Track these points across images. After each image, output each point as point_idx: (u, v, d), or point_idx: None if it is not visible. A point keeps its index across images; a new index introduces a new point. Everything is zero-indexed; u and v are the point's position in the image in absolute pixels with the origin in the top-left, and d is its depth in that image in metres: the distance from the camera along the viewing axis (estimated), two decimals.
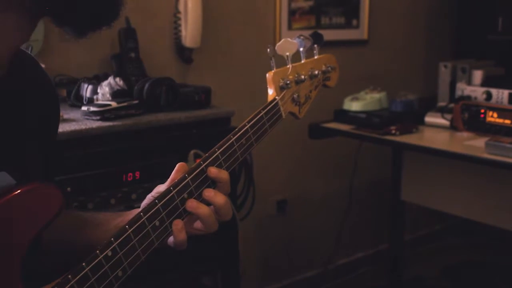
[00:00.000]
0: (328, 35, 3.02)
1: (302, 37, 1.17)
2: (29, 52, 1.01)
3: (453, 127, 2.41)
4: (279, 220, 3.01)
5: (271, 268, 3.02)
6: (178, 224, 0.93)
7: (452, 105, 2.48)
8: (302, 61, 1.19)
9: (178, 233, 0.93)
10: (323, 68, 1.23)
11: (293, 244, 3.09)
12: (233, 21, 2.67)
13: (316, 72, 1.20)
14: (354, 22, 3.12)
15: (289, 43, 1.14)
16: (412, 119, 2.50)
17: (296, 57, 1.16)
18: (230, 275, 2.16)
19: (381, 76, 3.20)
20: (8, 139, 0.84)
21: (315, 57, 1.22)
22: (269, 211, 2.95)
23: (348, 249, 3.32)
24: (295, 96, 1.16)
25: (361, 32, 3.15)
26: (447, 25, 3.54)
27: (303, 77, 1.16)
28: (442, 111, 2.49)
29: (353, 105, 2.61)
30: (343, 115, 2.62)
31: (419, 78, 3.44)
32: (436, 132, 2.45)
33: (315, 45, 1.20)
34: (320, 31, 1.22)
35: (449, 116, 2.43)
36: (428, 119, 2.51)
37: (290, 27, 2.83)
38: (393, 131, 2.38)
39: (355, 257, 3.37)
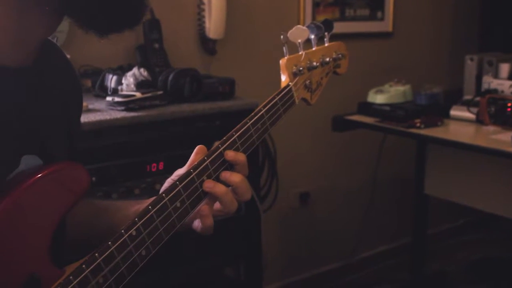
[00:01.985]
0: (353, 27, 3.03)
1: (313, 25, 1.19)
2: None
3: (479, 121, 2.38)
4: (301, 212, 3.01)
5: (293, 260, 3.02)
6: (205, 210, 0.96)
7: (478, 98, 2.45)
8: (314, 48, 1.20)
9: (205, 219, 0.95)
10: (334, 55, 1.25)
11: (316, 236, 3.09)
12: (257, 13, 2.67)
13: (328, 59, 1.22)
14: (379, 14, 3.10)
15: (301, 30, 1.16)
16: (437, 112, 2.48)
17: (307, 45, 1.17)
18: (253, 266, 2.16)
19: (406, 69, 3.17)
20: (35, 124, 0.86)
21: (326, 45, 1.23)
22: (292, 203, 2.95)
23: (371, 242, 3.30)
24: (307, 82, 1.17)
25: (386, 24, 3.13)
26: (474, 18, 3.49)
27: (315, 63, 1.18)
28: (468, 104, 2.46)
29: (377, 98, 2.59)
30: (367, 108, 2.60)
31: (444, 71, 3.40)
32: (461, 125, 2.42)
33: (326, 33, 1.21)
34: (345, 23, 1.23)
35: (475, 110, 2.41)
36: (454, 112, 2.48)
37: (314, 19, 2.81)
38: (418, 124, 2.36)
39: (377, 250, 3.36)
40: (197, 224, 0.98)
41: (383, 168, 3.16)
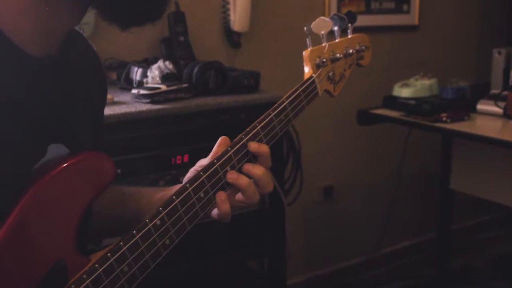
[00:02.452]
0: (378, 20, 3.01)
1: (336, 16, 1.19)
2: None
3: (506, 115, 2.35)
4: (325, 206, 3.00)
5: (317, 254, 3.02)
6: (221, 196, 0.96)
7: (505, 92, 2.42)
8: (337, 40, 1.20)
9: (222, 204, 0.96)
10: (357, 47, 1.24)
11: (339, 230, 3.08)
12: (281, 6, 2.66)
13: (351, 50, 1.22)
14: (405, 7, 3.07)
15: (324, 22, 1.15)
16: (463, 106, 2.45)
17: (330, 36, 1.17)
18: (277, 260, 2.16)
19: (432, 63, 3.14)
20: (61, 113, 0.87)
21: (349, 36, 1.23)
22: (315, 197, 2.95)
23: (395, 237, 3.29)
24: (330, 74, 1.17)
25: (412, 18, 3.10)
26: (502, 11, 3.45)
27: (338, 55, 1.18)
28: (495, 98, 2.43)
29: (402, 92, 2.57)
30: (392, 102, 2.58)
31: (471, 65, 3.36)
32: (488, 120, 2.39)
33: (349, 24, 1.21)
34: (370, 16, 1.22)
35: (502, 104, 2.37)
36: (481, 106, 2.45)
37: (339, 12, 2.79)
38: (444, 119, 2.34)
39: (401, 246, 3.34)
40: (215, 212, 0.98)
41: (408, 162, 3.14)
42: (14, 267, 0.74)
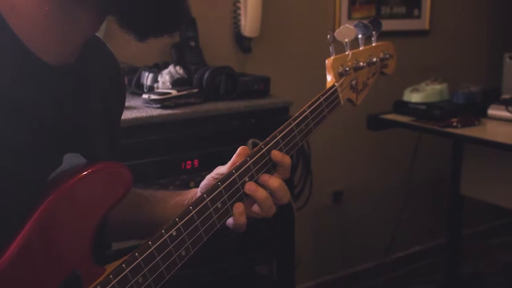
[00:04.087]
0: (389, 25, 3.00)
1: (361, 24, 1.17)
2: None
3: None
4: (335, 211, 3.00)
5: (326, 259, 3.01)
6: (239, 208, 0.95)
7: None
8: (361, 48, 1.18)
9: (239, 216, 0.95)
10: (381, 55, 1.22)
11: (349, 235, 3.07)
12: (292, 11, 2.66)
13: (374, 59, 1.20)
14: (416, 12, 3.06)
15: (348, 30, 1.14)
16: (474, 111, 2.44)
17: (354, 44, 1.16)
18: (286, 265, 2.16)
19: (443, 67, 3.13)
20: (77, 122, 0.87)
21: (373, 44, 1.21)
22: (325, 202, 2.94)
23: (405, 242, 3.27)
24: (353, 83, 1.15)
25: (423, 22, 3.10)
26: None
27: (361, 64, 1.16)
28: (506, 103, 2.42)
29: (413, 97, 2.57)
30: (402, 107, 2.58)
31: (482, 70, 3.35)
32: (499, 125, 2.38)
33: (374, 32, 1.19)
34: (380, 21, 1.21)
35: None
36: (491, 111, 2.44)
37: (350, 17, 2.80)
38: (454, 124, 2.33)
39: (412, 251, 3.33)
40: (230, 221, 0.97)
41: (418, 167, 3.13)
42: (30, 276, 0.74)
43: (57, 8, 0.80)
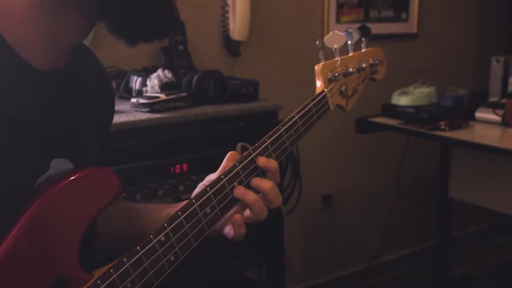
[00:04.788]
0: (377, 28, 3.01)
1: (350, 30, 1.18)
2: None
3: (504, 123, 2.35)
4: (324, 214, 3.00)
5: (316, 262, 3.01)
6: (238, 220, 0.95)
7: (504, 100, 2.42)
8: (350, 54, 1.19)
9: (238, 228, 0.96)
10: (371, 61, 1.23)
11: (338, 239, 3.08)
12: (281, 14, 2.66)
13: (364, 65, 1.20)
14: (403, 15, 3.08)
15: (337, 36, 1.14)
16: (462, 114, 2.45)
17: (343, 50, 1.16)
18: (275, 268, 2.16)
19: (431, 71, 3.14)
20: (65, 127, 0.86)
21: (363, 50, 1.22)
22: (314, 205, 2.94)
23: (394, 245, 3.28)
24: (342, 88, 1.16)
25: (410, 26, 3.11)
26: (500, 19, 3.45)
27: (351, 69, 1.17)
28: (494, 106, 2.43)
29: (401, 100, 2.58)
30: (391, 110, 2.59)
31: (469, 73, 3.37)
32: (487, 128, 2.40)
33: (363, 38, 1.20)
34: (369, 25, 1.22)
35: (500, 112, 2.38)
36: (479, 114, 2.46)
37: (338, 21, 2.80)
38: (442, 127, 2.34)
39: (400, 254, 3.34)
40: (228, 230, 0.97)
41: (407, 170, 3.14)
42: (16, 280, 0.74)
43: (46, 13, 0.80)
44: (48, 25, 0.81)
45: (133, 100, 1.84)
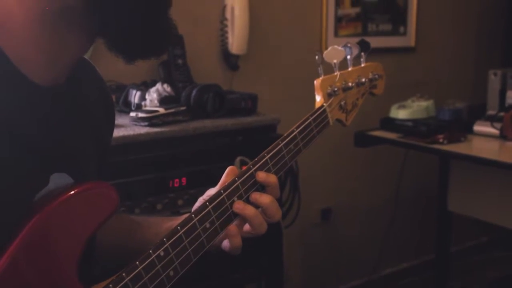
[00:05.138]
0: (375, 42, 3.00)
1: (349, 45, 1.18)
2: None
3: (502, 136, 2.36)
4: (323, 228, 2.99)
5: (315, 276, 3.01)
6: (233, 230, 0.95)
7: (502, 113, 2.43)
8: (350, 69, 1.19)
9: (233, 238, 0.95)
10: (370, 76, 1.23)
11: (337, 253, 3.07)
12: (279, 29, 2.67)
13: (363, 79, 1.20)
14: (401, 29, 3.09)
15: (336, 51, 1.14)
16: (460, 127, 2.46)
17: (343, 64, 1.16)
18: (274, 282, 2.15)
19: (429, 84, 3.15)
20: (65, 142, 0.87)
21: (362, 65, 1.22)
22: (313, 219, 2.94)
23: (393, 259, 3.28)
24: (342, 103, 1.16)
25: (408, 39, 3.12)
26: (497, 32, 3.47)
27: (350, 84, 1.17)
28: (492, 119, 2.44)
29: (399, 113, 2.58)
30: (389, 123, 2.60)
31: (467, 86, 3.38)
32: (485, 141, 2.40)
33: (362, 53, 1.20)
34: (367, 38, 1.22)
35: (498, 125, 2.38)
36: (477, 128, 2.46)
37: (336, 34, 2.82)
38: (441, 140, 2.35)
39: (399, 268, 3.33)
40: (226, 244, 0.97)
41: (406, 184, 3.14)
42: None
43: (47, 29, 0.81)
44: (49, 41, 0.81)
45: (132, 114, 1.85)
